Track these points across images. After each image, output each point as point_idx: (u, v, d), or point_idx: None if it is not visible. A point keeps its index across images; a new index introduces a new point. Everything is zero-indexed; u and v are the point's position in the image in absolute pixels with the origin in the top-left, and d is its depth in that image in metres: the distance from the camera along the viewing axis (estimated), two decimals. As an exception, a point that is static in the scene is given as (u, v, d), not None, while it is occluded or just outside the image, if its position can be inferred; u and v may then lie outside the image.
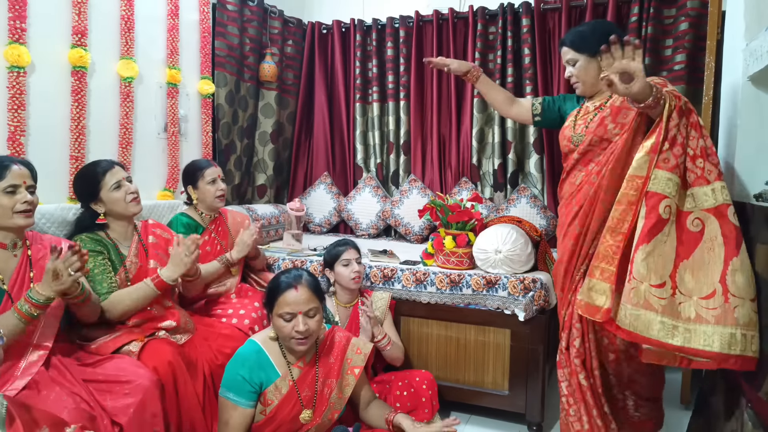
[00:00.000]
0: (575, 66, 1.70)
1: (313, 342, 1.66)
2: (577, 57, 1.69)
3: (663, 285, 1.31)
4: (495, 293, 2.16)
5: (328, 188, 3.55)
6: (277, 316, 1.57)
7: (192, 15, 2.85)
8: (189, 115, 2.86)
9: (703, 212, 1.33)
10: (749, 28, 1.57)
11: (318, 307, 1.60)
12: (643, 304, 1.31)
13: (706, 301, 1.28)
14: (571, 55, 1.70)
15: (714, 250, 1.29)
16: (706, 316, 1.27)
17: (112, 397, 1.48)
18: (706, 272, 1.29)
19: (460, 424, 2.24)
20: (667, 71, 2.76)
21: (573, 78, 1.73)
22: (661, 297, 1.31)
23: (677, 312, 1.30)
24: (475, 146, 3.19)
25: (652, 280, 1.32)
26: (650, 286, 1.31)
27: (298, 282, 1.59)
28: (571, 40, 1.70)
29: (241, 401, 1.55)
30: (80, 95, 2.18)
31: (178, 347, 1.74)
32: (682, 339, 1.27)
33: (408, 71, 3.34)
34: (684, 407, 2.36)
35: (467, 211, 2.32)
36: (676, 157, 1.35)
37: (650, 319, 1.30)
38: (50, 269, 1.42)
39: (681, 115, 1.36)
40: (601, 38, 1.65)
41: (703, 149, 1.36)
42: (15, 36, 1.92)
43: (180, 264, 1.77)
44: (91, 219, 1.83)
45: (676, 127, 1.36)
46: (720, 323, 1.25)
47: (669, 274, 1.32)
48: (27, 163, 1.59)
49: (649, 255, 1.32)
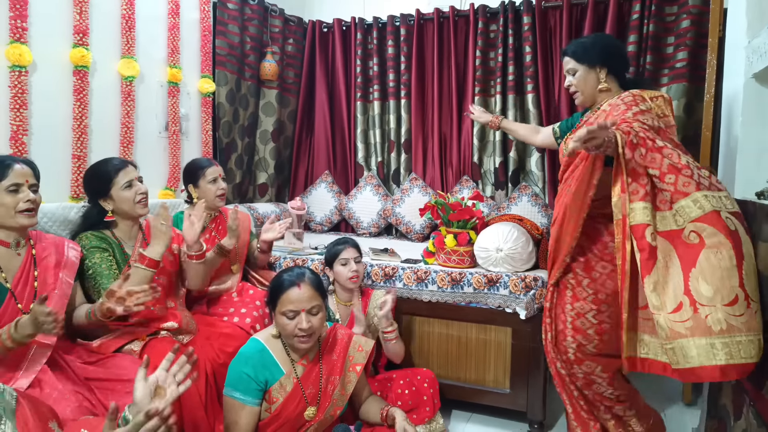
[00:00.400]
0: (575, 76, 1.73)
1: (316, 340, 1.66)
2: (577, 67, 1.72)
3: (680, 307, 1.26)
4: (496, 291, 2.16)
5: (329, 187, 3.55)
6: (280, 314, 1.57)
7: (193, 14, 2.85)
8: (190, 113, 2.86)
9: (695, 224, 1.30)
10: (751, 25, 1.57)
11: (321, 305, 1.61)
12: (670, 335, 1.26)
13: (731, 308, 1.20)
14: (572, 64, 1.73)
15: (722, 253, 1.24)
16: (737, 325, 1.19)
17: (114, 396, 1.48)
18: (722, 276, 1.22)
19: (461, 423, 2.25)
20: (668, 69, 2.76)
21: (572, 88, 1.76)
22: (683, 320, 1.25)
23: (707, 327, 1.21)
24: (477, 144, 3.19)
25: (667, 308, 1.28)
26: (668, 314, 1.27)
27: (300, 280, 1.59)
28: (572, 50, 1.74)
29: (248, 399, 1.56)
30: (82, 94, 2.18)
31: (180, 346, 1.74)
32: (724, 355, 1.19)
33: (409, 69, 3.34)
34: (686, 405, 2.36)
35: (468, 209, 2.32)
36: (644, 186, 1.37)
37: (683, 346, 1.24)
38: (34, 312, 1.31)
39: (633, 149, 1.39)
40: (602, 51, 1.71)
41: (671, 166, 1.36)
42: (16, 35, 1.92)
43: (160, 236, 1.72)
44: (98, 216, 1.83)
45: (632, 160, 1.38)
46: (751, 330, 1.19)
47: (682, 292, 1.27)
48: (29, 162, 1.58)
49: (656, 284, 1.30)
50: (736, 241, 1.25)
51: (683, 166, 1.35)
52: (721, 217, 1.27)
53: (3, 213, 1.49)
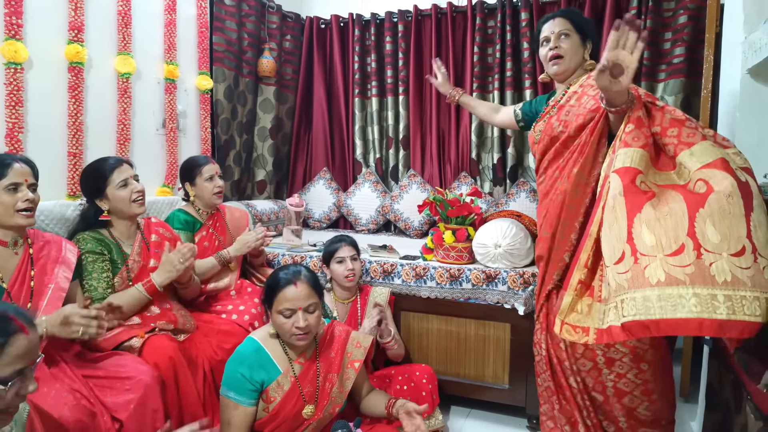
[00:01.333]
0: (567, 39, 1.62)
1: (313, 337, 1.66)
2: (572, 33, 1.62)
3: (682, 249, 1.06)
4: (495, 287, 2.17)
5: (328, 183, 3.54)
6: (277, 312, 1.57)
7: (189, 10, 2.84)
8: (187, 110, 2.85)
9: (701, 171, 1.14)
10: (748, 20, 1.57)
11: (317, 303, 1.60)
12: (666, 280, 1.06)
13: (737, 259, 1.03)
14: (567, 27, 1.62)
15: (732, 198, 1.08)
16: (742, 278, 1.02)
17: (112, 393, 1.48)
18: (730, 224, 1.06)
19: (460, 419, 2.25)
20: (666, 64, 2.76)
21: (560, 51, 1.62)
22: (684, 265, 1.05)
23: (711, 276, 1.03)
24: (475, 141, 3.19)
25: (665, 249, 1.08)
26: (666, 256, 1.07)
27: (297, 278, 1.59)
28: (573, 16, 1.64)
29: (243, 400, 1.55)
30: (77, 91, 2.17)
31: (178, 343, 1.75)
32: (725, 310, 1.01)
33: (407, 66, 3.33)
34: (684, 400, 2.37)
35: (467, 205, 2.32)
36: (647, 137, 1.24)
37: (680, 294, 1.04)
38: (64, 313, 1.38)
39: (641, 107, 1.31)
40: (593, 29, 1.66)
41: (673, 120, 1.26)
42: (11, 32, 1.91)
43: (172, 270, 1.76)
44: (95, 215, 1.82)
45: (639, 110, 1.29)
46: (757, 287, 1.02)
47: (686, 233, 1.07)
48: (28, 160, 1.58)
49: (651, 221, 1.11)
50: (745, 191, 1.10)
51: (686, 119, 1.26)
52: (730, 166, 1.14)
53: (1, 212, 1.48)
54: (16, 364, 0.94)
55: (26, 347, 0.96)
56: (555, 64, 1.64)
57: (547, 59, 1.66)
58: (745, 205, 1.08)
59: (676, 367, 2.54)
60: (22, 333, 0.96)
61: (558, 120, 1.62)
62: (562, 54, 1.62)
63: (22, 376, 0.95)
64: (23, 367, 0.95)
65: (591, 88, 1.56)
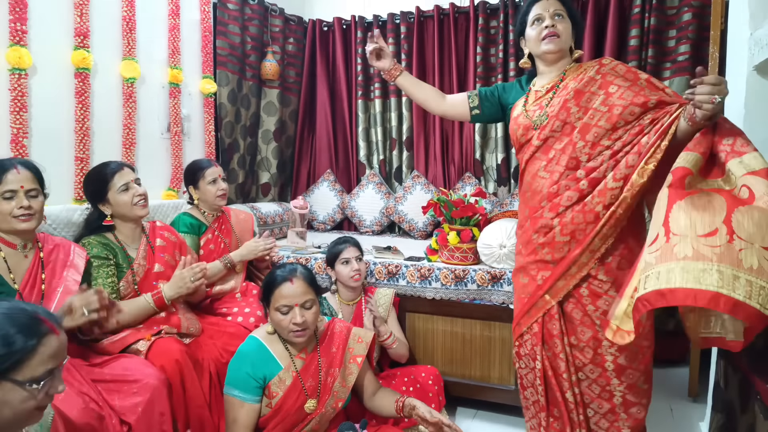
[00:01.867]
0: (562, 20, 1.55)
1: (312, 333, 1.67)
2: (564, 15, 1.56)
3: (715, 232, 1.07)
4: (500, 288, 2.16)
5: (332, 185, 3.55)
6: (275, 309, 1.58)
7: (193, 14, 2.85)
8: (191, 114, 2.86)
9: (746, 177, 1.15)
10: (754, 17, 1.56)
11: (314, 299, 1.61)
12: (693, 255, 1.07)
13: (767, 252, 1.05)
14: (561, 8, 1.55)
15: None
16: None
17: (120, 397, 1.49)
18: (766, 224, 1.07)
19: (466, 420, 2.25)
20: (670, 62, 2.75)
21: (557, 29, 1.53)
22: (714, 245, 1.06)
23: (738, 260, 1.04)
24: (478, 141, 3.18)
25: (698, 231, 1.09)
26: (698, 236, 1.08)
27: (293, 275, 1.60)
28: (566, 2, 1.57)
29: (248, 397, 1.56)
30: (84, 97, 2.18)
31: (185, 345, 1.75)
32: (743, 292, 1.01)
33: (410, 67, 3.33)
34: (692, 400, 2.36)
35: (471, 206, 2.32)
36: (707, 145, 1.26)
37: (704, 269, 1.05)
38: (67, 303, 1.42)
39: None
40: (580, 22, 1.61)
41: (730, 130, 1.27)
42: (16, 38, 1.92)
43: (183, 287, 1.79)
44: (99, 219, 1.83)
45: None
46: None
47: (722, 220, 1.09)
48: (30, 165, 1.58)
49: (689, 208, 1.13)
50: None
51: (741, 132, 1.26)
52: None
53: (0, 219, 1.50)
54: (48, 364, 0.97)
55: (57, 347, 0.99)
56: (551, 42, 1.54)
57: (541, 37, 1.55)
58: None
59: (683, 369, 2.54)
60: (53, 334, 0.99)
61: (577, 105, 1.51)
62: (558, 33, 1.53)
63: (52, 376, 0.98)
64: (53, 367, 0.98)
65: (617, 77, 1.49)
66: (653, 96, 1.43)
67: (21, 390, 0.93)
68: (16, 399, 0.93)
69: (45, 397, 0.98)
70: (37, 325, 0.97)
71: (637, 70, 1.51)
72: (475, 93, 1.78)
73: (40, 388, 0.95)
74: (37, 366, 0.95)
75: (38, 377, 0.95)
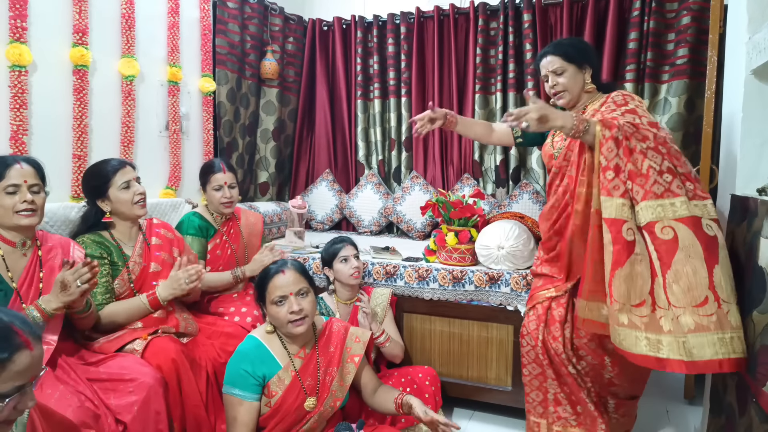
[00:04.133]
0: (563, 75, 1.73)
1: (311, 332, 1.67)
2: (566, 67, 1.72)
3: (643, 303, 1.37)
4: (498, 289, 2.16)
5: (330, 185, 3.54)
6: (271, 303, 1.59)
7: (192, 12, 2.85)
8: (190, 113, 2.86)
9: (672, 221, 1.35)
10: (752, 20, 1.56)
11: (308, 288, 1.63)
12: (628, 324, 1.38)
13: (701, 308, 1.29)
14: (559, 64, 1.72)
15: (692, 257, 1.32)
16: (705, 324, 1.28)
17: (116, 396, 1.48)
18: (694, 281, 1.31)
19: (463, 421, 2.25)
20: (669, 65, 2.75)
21: (559, 87, 1.74)
22: (642, 315, 1.36)
23: (659, 327, 1.34)
24: (477, 143, 3.18)
25: (632, 301, 1.38)
26: (632, 306, 1.38)
27: (284, 266, 1.62)
28: (562, 50, 1.73)
29: (247, 395, 1.56)
30: (82, 94, 2.18)
31: (181, 345, 1.75)
32: (667, 351, 1.31)
33: (409, 67, 3.34)
34: (688, 402, 2.36)
35: (469, 207, 2.32)
36: (624, 183, 1.42)
37: (636, 336, 1.36)
38: (59, 280, 1.43)
39: (618, 145, 1.43)
40: (588, 52, 1.76)
41: (670, 169, 1.40)
42: (16, 35, 1.92)
43: (177, 288, 1.78)
44: (96, 216, 1.83)
45: (616, 157, 1.43)
46: (718, 329, 1.27)
47: (648, 291, 1.37)
48: (33, 161, 1.58)
49: (627, 277, 1.38)
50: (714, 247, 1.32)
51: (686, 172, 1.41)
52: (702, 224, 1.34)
53: (2, 213, 1.50)
54: (17, 381, 0.91)
55: (28, 364, 0.92)
56: (559, 99, 1.76)
57: (551, 94, 1.78)
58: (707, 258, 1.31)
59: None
60: (27, 349, 0.92)
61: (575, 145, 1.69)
62: (560, 90, 1.75)
63: (22, 392, 0.92)
64: (23, 384, 0.92)
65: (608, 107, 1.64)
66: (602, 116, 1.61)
67: None
68: None
69: (13, 411, 0.91)
70: (10, 338, 0.90)
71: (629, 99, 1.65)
72: None
73: (5, 405, 0.89)
74: (4, 382, 0.88)
75: (5, 393, 0.89)
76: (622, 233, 1.39)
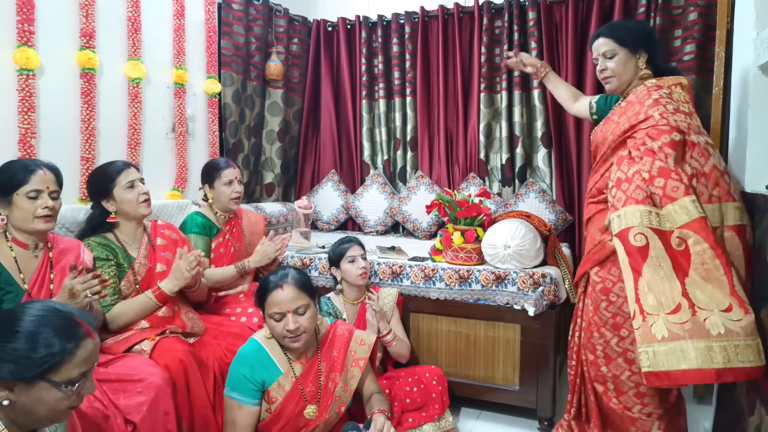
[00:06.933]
0: (613, 59, 1.63)
1: (313, 337, 1.66)
2: (617, 50, 1.63)
3: (679, 308, 1.22)
4: (504, 288, 2.16)
5: (336, 186, 3.55)
6: (268, 316, 1.58)
7: (198, 15, 2.86)
8: (196, 114, 2.87)
9: (680, 230, 1.29)
10: (760, 16, 1.55)
11: (308, 304, 1.59)
12: (669, 336, 1.21)
13: (728, 313, 1.19)
14: (610, 47, 1.63)
15: (707, 264, 1.24)
16: (735, 329, 1.17)
17: (125, 396, 1.49)
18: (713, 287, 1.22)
19: (470, 420, 2.24)
20: (676, 62, 2.73)
21: (608, 72, 1.65)
22: (682, 322, 1.21)
23: (706, 331, 1.19)
24: (483, 141, 3.18)
25: (665, 309, 1.24)
26: (666, 314, 1.23)
27: (283, 281, 1.58)
28: (614, 33, 1.63)
29: (246, 400, 1.56)
30: (89, 97, 2.19)
31: (189, 345, 1.76)
32: (722, 359, 1.16)
33: (414, 67, 3.33)
34: (697, 401, 2.34)
35: (475, 206, 2.31)
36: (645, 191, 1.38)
37: (683, 348, 1.19)
38: (67, 286, 1.43)
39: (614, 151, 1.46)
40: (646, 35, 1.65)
41: (662, 169, 1.35)
42: (23, 39, 1.93)
43: (180, 278, 1.79)
44: (101, 217, 1.84)
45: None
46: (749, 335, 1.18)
47: (680, 293, 1.24)
48: (54, 167, 1.60)
49: (650, 284, 1.27)
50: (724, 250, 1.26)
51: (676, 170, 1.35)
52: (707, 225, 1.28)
53: (21, 217, 1.51)
54: (83, 367, 1.00)
55: (92, 351, 1.03)
56: (607, 83, 1.70)
57: (602, 79, 1.72)
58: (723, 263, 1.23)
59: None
60: (89, 338, 1.02)
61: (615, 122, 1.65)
62: (609, 75, 1.67)
63: (85, 378, 1.01)
64: (87, 369, 1.01)
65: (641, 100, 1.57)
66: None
67: (56, 391, 0.96)
68: (51, 398, 0.96)
69: (77, 397, 1.00)
70: (74, 328, 1.00)
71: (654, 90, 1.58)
72: (595, 101, 1.94)
73: (74, 390, 0.98)
74: (73, 368, 0.98)
75: (73, 379, 0.98)
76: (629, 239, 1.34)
